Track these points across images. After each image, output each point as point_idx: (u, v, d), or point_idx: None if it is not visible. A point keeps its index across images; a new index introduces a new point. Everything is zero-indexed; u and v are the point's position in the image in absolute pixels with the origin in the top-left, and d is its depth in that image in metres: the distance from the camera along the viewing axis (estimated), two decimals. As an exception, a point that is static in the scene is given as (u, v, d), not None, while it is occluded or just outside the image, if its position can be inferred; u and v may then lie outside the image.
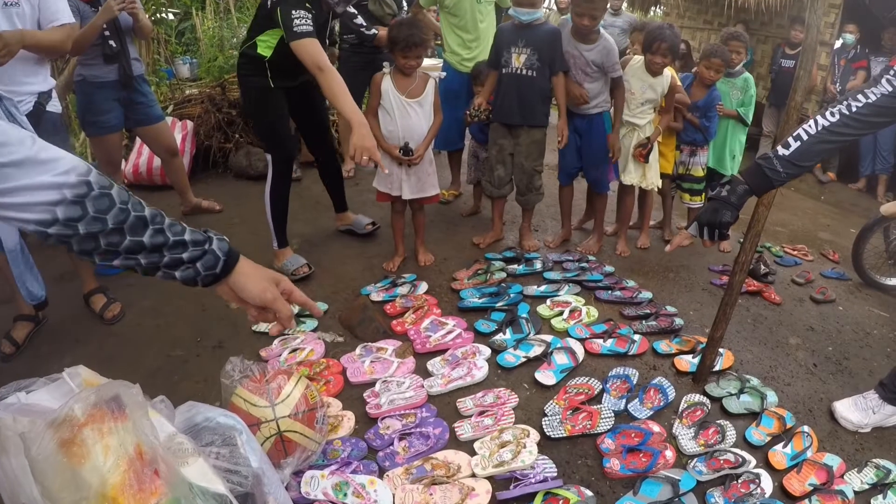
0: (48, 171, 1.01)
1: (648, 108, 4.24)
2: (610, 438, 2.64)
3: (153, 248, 1.14)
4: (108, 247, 1.10)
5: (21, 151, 0.98)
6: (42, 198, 1.00)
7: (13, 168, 0.97)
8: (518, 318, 3.48)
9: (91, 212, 1.05)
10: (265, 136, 3.94)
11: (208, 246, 1.22)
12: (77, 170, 1.05)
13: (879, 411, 2.83)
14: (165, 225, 1.16)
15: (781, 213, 5.99)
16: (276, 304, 1.32)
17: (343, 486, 2.28)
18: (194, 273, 1.20)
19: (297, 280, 3.81)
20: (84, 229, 1.05)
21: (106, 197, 1.07)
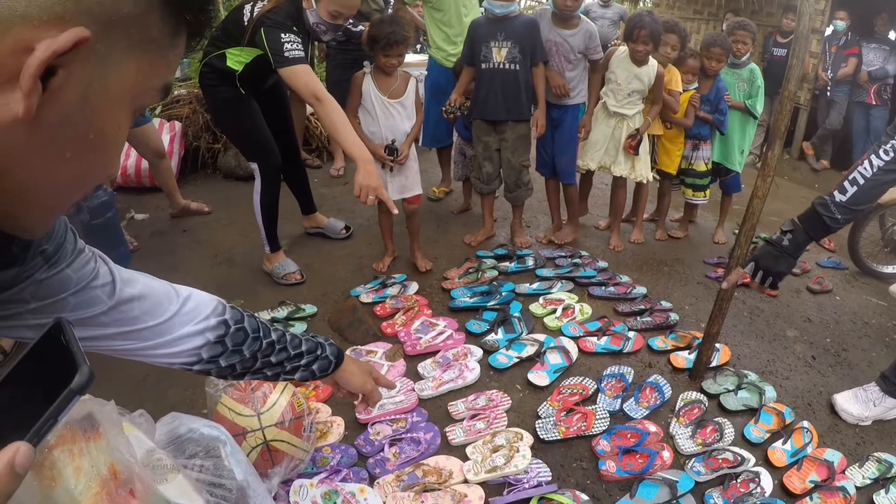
0: (192, 320, 1.09)
1: (636, 98, 4.18)
2: (605, 440, 2.59)
3: (277, 363, 1.26)
4: (242, 370, 1.21)
5: (171, 309, 1.06)
6: (189, 346, 1.09)
7: (165, 325, 1.04)
8: (510, 317, 3.43)
9: (230, 347, 1.15)
10: (245, 146, 3.76)
11: (320, 352, 1.35)
12: (216, 311, 1.14)
13: (880, 404, 2.78)
14: (287, 342, 1.27)
15: (776, 203, 5.94)
16: (371, 394, 1.50)
17: (332, 495, 2.23)
18: (310, 375, 1.34)
19: (288, 286, 3.76)
20: (224, 362, 1.15)
21: (241, 331, 1.17)
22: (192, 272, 3.87)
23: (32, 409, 0.56)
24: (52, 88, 0.53)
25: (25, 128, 0.53)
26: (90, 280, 0.94)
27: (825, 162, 7.66)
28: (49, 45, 0.50)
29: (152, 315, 1.03)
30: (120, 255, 3.53)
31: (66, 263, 0.90)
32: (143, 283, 1.04)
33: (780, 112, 2.51)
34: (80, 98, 0.56)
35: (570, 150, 4.32)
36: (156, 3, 0.59)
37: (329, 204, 5.03)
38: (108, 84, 0.58)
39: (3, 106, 0.51)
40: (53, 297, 0.88)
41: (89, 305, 0.94)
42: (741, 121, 4.55)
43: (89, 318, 0.94)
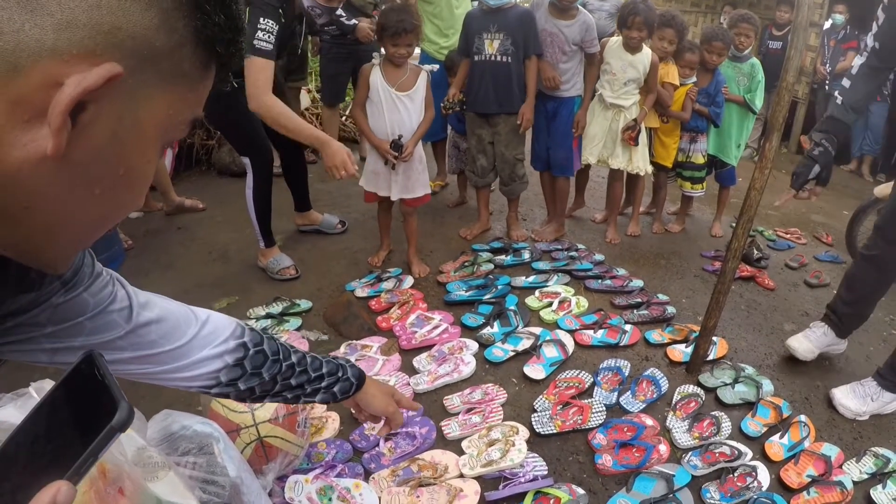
0: (210, 343, 1.07)
1: (632, 88, 4.15)
2: (602, 433, 2.57)
3: (298, 386, 1.23)
4: (262, 393, 1.18)
5: (189, 332, 1.04)
6: (208, 369, 1.07)
7: (184, 349, 1.03)
8: (506, 310, 3.41)
9: (249, 370, 1.13)
10: (237, 140, 3.72)
11: (342, 374, 1.32)
12: (234, 333, 1.12)
13: (878, 399, 2.77)
14: (308, 364, 1.25)
15: (774, 196, 5.90)
16: (393, 416, 1.45)
17: (328, 491, 2.21)
18: (331, 397, 1.32)
19: (282, 281, 3.74)
20: (243, 385, 1.13)
21: (260, 353, 1.14)
22: (186, 269, 3.85)
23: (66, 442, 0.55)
24: (81, 124, 0.52)
25: (54, 164, 0.51)
26: (107, 304, 0.92)
27: (823, 155, 7.63)
28: (80, 82, 0.49)
29: (170, 339, 1.02)
30: (114, 253, 3.50)
31: (84, 287, 0.89)
32: (160, 307, 1.02)
33: (777, 103, 2.49)
34: (110, 134, 0.55)
35: (565, 144, 4.28)
36: (188, 36, 0.57)
37: (324, 199, 5.00)
38: (139, 119, 0.57)
39: (31, 143, 0.50)
40: (70, 321, 0.88)
41: (106, 330, 0.93)
42: (740, 115, 4.52)
43: (106, 342, 0.93)
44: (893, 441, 2.70)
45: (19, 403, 1.43)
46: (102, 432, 0.54)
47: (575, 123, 4.20)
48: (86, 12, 0.49)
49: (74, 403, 0.60)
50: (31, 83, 0.48)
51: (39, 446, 0.57)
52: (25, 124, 0.50)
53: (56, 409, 0.59)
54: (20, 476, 0.54)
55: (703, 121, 4.44)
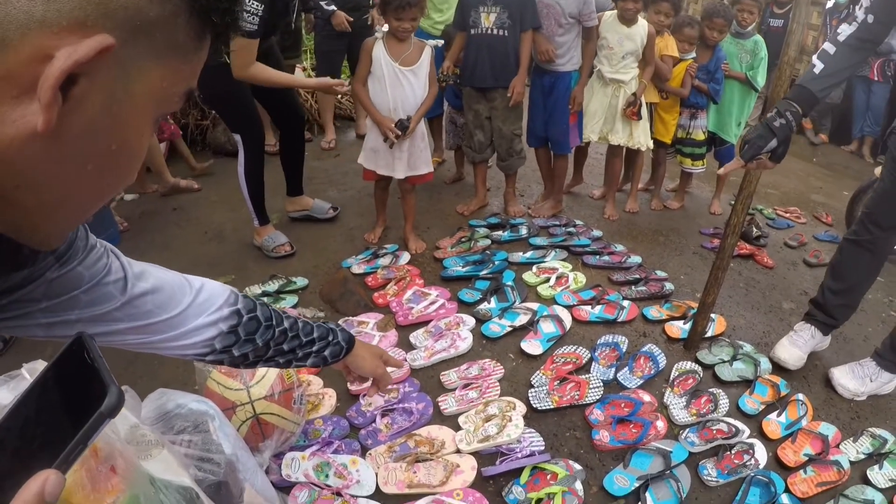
0: (205, 311, 1.07)
1: (630, 61, 4.10)
2: (599, 409, 2.57)
3: (290, 351, 1.25)
4: (255, 359, 1.19)
5: (184, 301, 1.04)
6: (202, 337, 1.07)
7: (179, 318, 1.03)
8: (503, 286, 3.39)
9: (243, 336, 1.13)
10: (229, 117, 3.67)
11: (332, 338, 1.34)
12: (228, 301, 1.12)
13: (877, 379, 2.76)
14: (299, 329, 1.26)
15: (773, 175, 5.89)
16: (382, 377, 1.49)
17: (324, 467, 2.21)
18: (322, 361, 1.33)
19: (278, 258, 3.71)
20: (237, 352, 1.13)
21: (253, 320, 1.15)
22: (182, 249, 3.82)
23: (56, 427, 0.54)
24: (72, 99, 0.50)
25: (45, 141, 0.50)
26: (102, 276, 0.91)
27: (824, 136, 7.59)
28: (70, 54, 0.47)
29: (165, 308, 1.01)
30: (110, 236, 3.49)
31: (78, 261, 0.88)
32: (155, 277, 1.02)
33: (778, 79, 2.45)
34: (102, 108, 0.53)
35: (563, 119, 4.22)
36: (182, 6, 0.55)
37: (320, 176, 4.97)
38: (131, 92, 0.55)
39: (20, 119, 0.48)
40: (65, 295, 0.87)
41: (101, 302, 0.92)
42: (741, 92, 4.45)
43: (102, 314, 0.92)
44: (891, 422, 2.69)
45: (12, 385, 1.42)
46: (92, 418, 0.52)
47: (571, 99, 4.13)
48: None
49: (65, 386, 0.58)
50: (19, 57, 0.47)
51: (29, 430, 0.56)
52: (14, 100, 0.48)
53: (46, 391, 0.58)
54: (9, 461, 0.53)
55: (704, 97, 4.39)
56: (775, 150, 2.30)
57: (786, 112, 2.24)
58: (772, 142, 2.26)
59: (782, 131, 2.25)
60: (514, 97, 3.99)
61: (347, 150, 5.64)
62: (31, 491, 0.47)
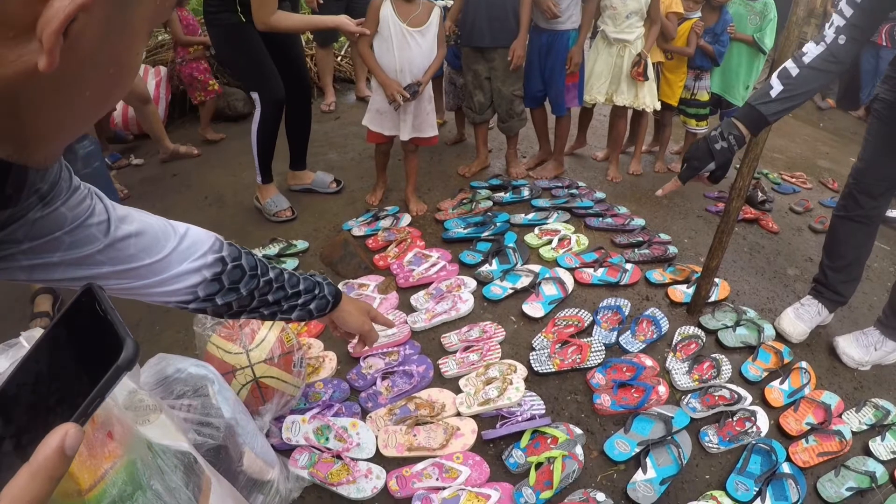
0: (189, 257, 1.06)
1: (635, 21, 4.01)
2: (600, 373, 2.55)
3: (275, 302, 1.23)
4: (239, 308, 1.17)
5: (168, 246, 1.03)
6: (186, 283, 1.05)
7: (162, 262, 1.02)
8: (505, 247, 3.36)
9: (227, 284, 1.12)
10: (247, 76, 3.58)
11: (318, 292, 1.32)
12: (213, 248, 1.11)
13: (881, 348, 2.74)
14: (285, 280, 1.25)
15: (779, 140, 5.84)
16: (369, 334, 1.49)
17: (325, 430, 2.21)
18: (307, 314, 1.31)
19: (279, 223, 3.69)
20: (221, 300, 1.12)
21: (238, 269, 1.14)
22: (182, 215, 3.70)
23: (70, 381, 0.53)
24: (71, 36, 0.49)
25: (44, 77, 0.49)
26: (85, 218, 0.90)
27: (831, 101, 7.50)
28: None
29: (149, 252, 1.00)
30: (109, 203, 3.46)
31: (61, 201, 0.87)
32: (139, 220, 1.00)
33: (787, 39, 2.39)
34: (100, 39, 0.52)
35: (561, 79, 4.15)
36: None
37: (320, 140, 4.91)
38: (128, 19, 0.55)
39: (19, 59, 0.48)
40: (47, 237, 0.85)
41: (84, 244, 0.91)
42: (749, 55, 4.36)
43: (84, 256, 0.91)
44: (894, 393, 2.68)
45: (10, 354, 1.40)
46: (109, 372, 0.51)
47: (568, 60, 4.05)
48: None
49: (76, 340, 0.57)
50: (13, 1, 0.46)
51: (42, 386, 0.55)
52: (11, 41, 0.47)
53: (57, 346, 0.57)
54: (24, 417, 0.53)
55: (708, 59, 4.33)
56: (714, 173, 2.25)
57: (728, 135, 2.17)
58: (710, 164, 2.22)
59: (722, 155, 2.19)
60: (514, 61, 3.91)
61: (347, 113, 5.59)
62: (51, 445, 0.47)
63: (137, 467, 1.26)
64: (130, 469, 1.24)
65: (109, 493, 1.19)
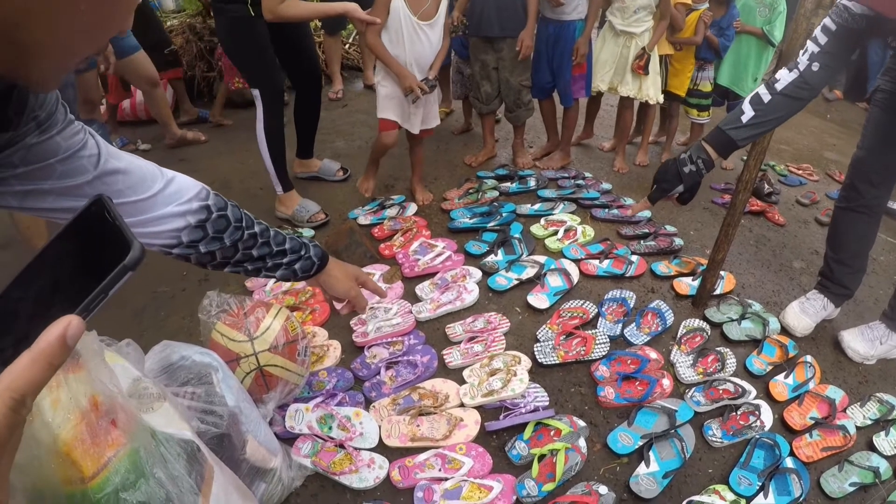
0: (175, 201, 1.12)
1: (643, 15, 3.99)
2: (605, 365, 2.55)
3: (259, 258, 1.28)
4: (223, 259, 1.22)
5: (155, 187, 1.09)
6: (170, 226, 1.11)
7: (148, 202, 1.07)
8: (510, 238, 3.35)
9: (211, 233, 1.17)
10: (248, 70, 3.50)
11: (304, 252, 1.37)
12: (199, 195, 1.16)
13: (887, 342, 2.73)
14: (270, 237, 1.30)
15: (786, 131, 5.80)
16: (356, 299, 1.53)
17: (328, 419, 2.21)
18: (292, 274, 1.36)
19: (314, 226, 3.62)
20: (204, 248, 1.17)
21: (223, 218, 1.19)
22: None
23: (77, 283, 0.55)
24: None
25: None
26: (78, 149, 0.95)
27: (838, 92, 7.44)
28: None
29: (135, 190, 1.06)
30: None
31: (57, 131, 0.92)
32: (128, 160, 1.07)
33: (795, 31, 2.37)
34: None
35: (568, 70, 4.12)
36: None
37: (328, 127, 4.90)
38: None
39: None
40: (42, 162, 0.91)
41: (75, 174, 0.96)
42: (758, 47, 4.34)
43: (73, 186, 0.96)
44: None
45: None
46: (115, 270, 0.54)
47: (574, 51, 4.02)
48: None
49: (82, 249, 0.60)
50: None
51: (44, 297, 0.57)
52: None
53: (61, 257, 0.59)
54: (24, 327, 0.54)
55: (711, 52, 4.32)
56: (682, 195, 2.28)
57: (697, 159, 2.20)
58: (679, 187, 2.24)
59: (691, 178, 2.22)
60: (522, 51, 3.89)
61: (355, 101, 5.57)
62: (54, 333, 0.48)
63: (141, 455, 1.26)
64: (133, 457, 1.24)
65: (112, 480, 1.19)
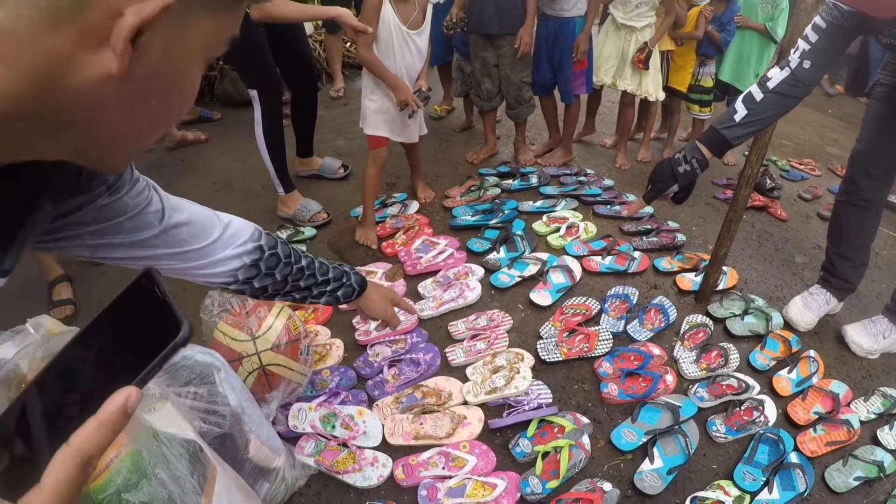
0: (232, 244, 1.21)
1: (645, 10, 3.97)
2: (608, 362, 2.55)
3: (306, 288, 1.38)
4: (273, 291, 1.32)
5: (214, 234, 1.18)
6: (228, 267, 1.20)
7: (208, 248, 1.16)
8: (513, 235, 3.35)
9: (263, 270, 1.26)
10: (245, 70, 3.45)
11: (345, 280, 1.48)
12: (252, 237, 1.25)
13: (889, 336, 2.72)
14: (316, 269, 1.40)
15: (787, 126, 5.78)
16: (391, 320, 1.66)
17: (331, 418, 2.21)
18: (335, 300, 1.47)
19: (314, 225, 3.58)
20: (258, 283, 1.27)
21: (274, 256, 1.28)
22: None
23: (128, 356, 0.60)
24: (139, 48, 0.58)
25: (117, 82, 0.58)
26: (144, 206, 1.02)
27: (839, 87, 7.42)
28: (139, 12, 0.55)
29: (197, 238, 1.15)
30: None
31: (125, 191, 0.98)
32: (189, 210, 1.15)
33: (795, 27, 2.36)
34: (162, 54, 0.61)
35: (568, 66, 4.11)
36: None
37: (328, 126, 4.90)
38: (186, 42, 0.63)
39: (97, 64, 0.57)
40: (112, 220, 0.97)
41: (142, 229, 1.04)
42: (760, 43, 4.32)
43: (142, 240, 1.04)
44: (902, 381, 2.66)
45: (17, 340, 1.40)
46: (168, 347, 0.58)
47: (574, 48, 4.00)
48: None
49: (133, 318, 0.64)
50: (95, 15, 0.55)
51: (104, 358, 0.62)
52: (92, 49, 0.56)
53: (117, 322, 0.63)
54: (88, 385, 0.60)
55: (712, 47, 4.31)
56: (676, 195, 2.29)
57: (692, 159, 2.21)
58: (673, 186, 2.25)
59: (685, 178, 2.23)
60: (521, 48, 3.88)
61: (356, 99, 5.51)
62: (117, 402, 0.54)
63: (143, 456, 1.26)
64: (136, 458, 1.24)
65: (114, 481, 1.20)
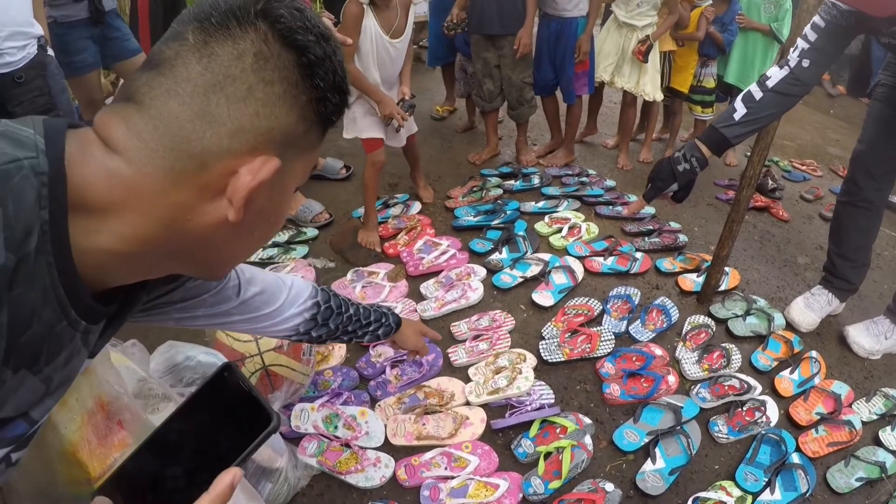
0: (294, 304, 1.36)
1: (647, 9, 3.97)
2: (610, 362, 2.55)
3: (352, 331, 1.57)
4: (327, 336, 1.49)
5: (281, 297, 1.33)
6: (292, 323, 1.37)
7: (277, 310, 1.32)
8: (515, 236, 3.35)
9: (320, 321, 1.43)
10: None
11: (384, 321, 1.68)
12: (311, 295, 1.41)
13: (891, 336, 2.72)
14: (360, 314, 1.58)
15: (789, 127, 5.78)
16: (422, 350, 1.92)
17: (333, 419, 2.21)
18: (375, 338, 1.68)
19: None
20: (315, 333, 1.44)
21: (328, 309, 1.45)
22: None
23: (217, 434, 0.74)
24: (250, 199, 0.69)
25: (229, 225, 0.70)
26: (224, 284, 1.17)
27: (841, 87, 7.40)
28: (256, 175, 0.67)
29: (268, 304, 1.30)
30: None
31: None
32: (261, 280, 1.29)
33: (798, 27, 2.36)
34: (267, 198, 0.73)
35: (570, 67, 4.10)
36: (315, 119, 0.74)
37: (328, 129, 4.87)
38: (285, 184, 0.75)
39: (214, 212, 0.69)
40: (196, 298, 1.10)
41: (222, 303, 1.18)
42: (764, 44, 4.31)
43: (221, 312, 1.19)
44: (905, 382, 2.67)
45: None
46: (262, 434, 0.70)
47: (577, 48, 4.00)
48: (249, 120, 0.67)
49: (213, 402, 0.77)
50: (213, 174, 0.67)
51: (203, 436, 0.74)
52: (210, 200, 0.68)
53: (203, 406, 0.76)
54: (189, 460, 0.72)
55: (714, 48, 4.31)
56: (676, 194, 2.29)
57: (691, 157, 2.20)
58: (673, 185, 2.25)
59: (685, 176, 2.23)
60: (520, 49, 3.88)
61: (357, 99, 5.56)
62: (226, 481, 0.66)
63: (147, 456, 1.26)
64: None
65: (119, 481, 1.20)
